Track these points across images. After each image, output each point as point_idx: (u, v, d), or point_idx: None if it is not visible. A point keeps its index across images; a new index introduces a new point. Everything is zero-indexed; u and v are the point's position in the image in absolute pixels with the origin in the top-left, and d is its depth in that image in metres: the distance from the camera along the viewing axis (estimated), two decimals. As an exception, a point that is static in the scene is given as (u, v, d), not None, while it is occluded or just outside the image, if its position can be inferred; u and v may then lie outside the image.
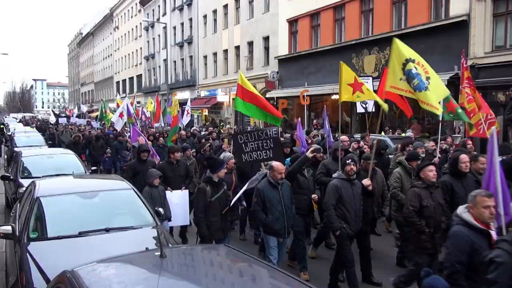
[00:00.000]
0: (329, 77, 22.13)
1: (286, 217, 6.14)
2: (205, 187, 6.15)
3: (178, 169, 8.45)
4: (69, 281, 2.89)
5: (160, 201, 7.16)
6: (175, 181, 8.21)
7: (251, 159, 7.47)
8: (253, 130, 8.06)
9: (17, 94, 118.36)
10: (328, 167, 7.51)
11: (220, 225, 6.23)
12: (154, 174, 7.40)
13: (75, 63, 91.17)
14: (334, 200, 5.95)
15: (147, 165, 8.52)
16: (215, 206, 6.13)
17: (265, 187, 6.17)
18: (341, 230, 5.92)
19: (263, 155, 7.46)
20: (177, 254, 3.59)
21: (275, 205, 6.08)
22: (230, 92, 32.80)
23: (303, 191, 6.85)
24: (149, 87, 47.94)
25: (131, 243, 4.99)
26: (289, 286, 3.00)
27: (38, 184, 6.38)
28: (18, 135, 19.55)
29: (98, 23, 69.87)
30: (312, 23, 24.66)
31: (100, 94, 68.52)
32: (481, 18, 15.39)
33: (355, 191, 6.08)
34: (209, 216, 6.11)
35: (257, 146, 7.47)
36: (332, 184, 6.09)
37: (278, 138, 7.37)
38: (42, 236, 5.31)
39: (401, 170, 7.21)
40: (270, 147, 7.43)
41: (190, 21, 39.12)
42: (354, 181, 6.11)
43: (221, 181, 6.34)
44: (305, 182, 6.92)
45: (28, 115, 71.42)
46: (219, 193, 6.21)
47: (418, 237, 5.59)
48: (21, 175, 10.12)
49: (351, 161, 6.08)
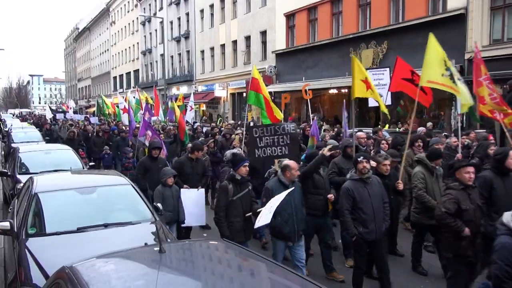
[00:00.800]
0: (327, 71, 22.13)
1: (296, 220, 5.79)
2: (227, 185, 5.86)
3: (197, 166, 8.21)
4: (68, 277, 2.89)
5: (172, 202, 6.84)
6: (193, 179, 7.95)
7: (264, 155, 7.04)
8: (270, 124, 7.54)
9: (13, 89, 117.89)
10: (339, 165, 7.12)
11: (241, 227, 5.90)
12: (168, 173, 7.01)
13: (72, 59, 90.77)
14: (348, 204, 5.58)
15: (159, 162, 8.29)
16: (236, 205, 5.84)
17: (275, 187, 5.78)
18: (357, 236, 5.55)
19: (277, 151, 7.01)
20: (176, 249, 3.58)
21: (285, 206, 5.60)
22: (228, 87, 32.75)
23: (319, 191, 6.43)
24: (146, 82, 47.80)
25: (129, 239, 4.98)
26: (288, 280, 3.00)
27: (36, 180, 6.36)
28: (15, 131, 19.51)
29: (94, 18, 69.51)
30: (310, 17, 24.60)
31: (97, 90, 68.30)
32: (479, 11, 15.38)
33: (371, 191, 5.64)
34: (230, 216, 5.82)
35: (272, 142, 7.03)
36: (344, 187, 5.73)
37: (295, 134, 7.03)
38: (41, 232, 5.30)
39: (422, 169, 6.65)
40: (286, 143, 7.00)
41: (187, 15, 38.97)
42: (369, 179, 5.69)
43: (246, 180, 6.01)
44: (321, 181, 6.49)
45: (25, 110, 71.21)
46: (242, 192, 5.90)
47: (458, 243, 5.07)
48: (19, 171, 10.08)
49: (363, 158, 5.68)
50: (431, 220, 6.15)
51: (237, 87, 31.61)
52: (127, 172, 10.82)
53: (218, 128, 16.94)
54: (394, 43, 18.52)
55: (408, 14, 18.26)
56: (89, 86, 74.96)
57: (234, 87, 32.04)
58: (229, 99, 33.35)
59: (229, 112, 33.33)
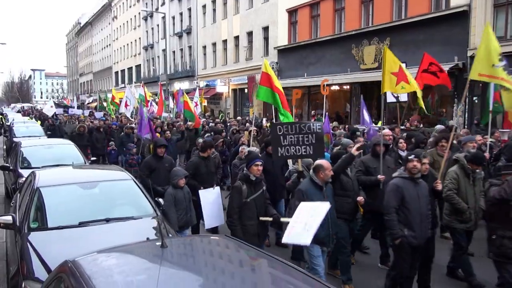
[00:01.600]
0: (329, 68, 22.10)
1: (331, 223, 5.49)
2: (241, 186, 5.55)
3: (209, 164, 7.97)
4: (71, 271, 2.91)
5: (185, 204, 6.53)
6: (208, 178, 7.69)
7: (287, 154, 6.66)
8: (295, 122, 7.24)
9: (15, 84, 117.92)
10: (367, 164, 6.76)
11: (255, 230, 5.59)
12: (180, 173, 6.62)
13: (74, 53, 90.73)
14: (396, 202, 5.24)
15: (164, 161, 8.05)
16: (250, 207, 5.55)
17: (309, 189, 5.46)
18: (402, 239, 5.20)
19: (302, 150, 6.57)
20: (178, 244, 3.60)
21: None
22: (229, 82, 32.72)
23: (347, 193, 6.11)
24: (148, 78, 47.77)
25: (131, 233, 5.00)
26: (290, 276, 3.01)
27: (38, 174, 6.39)
28: (17, 125, 19.54)
29: (96, 13, 69.41)
30: (312, 13, 24.54)
31: (99, 84, 68.33)
32: (482, 8, 15.32)
33: (420, 192, 5.32)
34: (243, 218, 5.53)
35: (297, 140, 6.57)
36: (393, 184, 5.40)
37: (321, 133, 6.65)
38: (43, 226, 5.33)
39: (458, 169, 6.24)
40: (311, 142, 6.56)
41: (189, 11, 38.89)
42: (418, 180, 5.38)
43: (260, 181, 5.72)
44: (349, 183, 6.15)
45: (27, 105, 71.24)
46: (257, 193, 5.61)
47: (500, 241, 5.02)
48: (21, 165, 10.12)
49: (414, 157, 5.34)
50: (462, 224, 6.04)
51: (238, 83, 31.59)
52: (131, 169, 10.71)
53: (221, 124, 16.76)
54: (397, 40, 18.48)
55: (411, 10, 18.20)
56: (91, 81, 74.96)
57: (235, 83, 32.02)
58: (231, 95, 33.33)
59: (230, 108, 33.32)
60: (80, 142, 14.16)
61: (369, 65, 19.89)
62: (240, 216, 5.52)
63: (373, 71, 19.57)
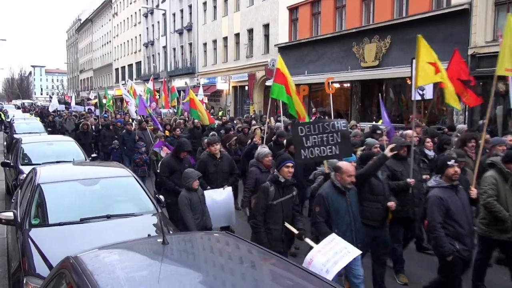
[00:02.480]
0: (329, 66, 22.08)
1: (355, 231, 5.11)
2: (269, 187, 5.24)
3: (222, 164, 7.58)
4: (73, 267, 2.92)
5: (200, 207, 6.24)
6: (217, 178, 7.40)
7: (312, 156, 6.19)
8: (318, 121, 6.79)
9: (15, 80, 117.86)
10: (392, 168, 6.26)
11: (280, 235, 5.27)
12: (193, 175, 6.25)
13: (74, 50, 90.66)
14: (441, 216, 4.79)
15: (184, 162, 7.62)
16: (276, 211, 5.22)
17: (330, 193, 5.08)
18: (455, 255, 4.75)
19: (327, 151, 6.13)
20: (179, 240, 3.62)
21: (342, 216, 5.04)
22: (230, 80, 32.72)
23: (377, 197, 5.63)
24: (148, 74, 47.72)
25: (132, 230, 5.03)
26: (290, 273, 3.03)
27: (39, 171, 6.41)
28: (17, 122, 19.55)
29: (96, 9, 69.33)
30: (313, 11, 24.51)
31: (99, 81, 68.29)
32: (483, 6, 15.30)
33: (463, 200, 4.91)
34: (268, 222, 5.22)
35: (321, 141, 6.11)
36: (435, 196, 4.90)
37: (346, 131, 6.25)
38: (44, 222, 5.35)
39: (495, 173, 5.65)
40: (336, 141, 6.12)
41: (189, 8, 38.84)
42: (458, 187, 4.95)
43: (290, 184, 5.37)
44: (380, 187, 5.69)
45: (27, 101, 71.23)
46: (285, 197, 5.28)
47: None
48: (21, 162, 10.14)
49: (455, 162, 4.87)
50: (503, 234, 5.47)
51: (239, 80, 31.58)
52: (137, 169, 10.48)
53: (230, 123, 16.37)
54: (397, 38, 18.46)
55: (412, 8, 18.17)
56: (91, 77, 74.92)
57: (236, 80, 32.01)
58: (231, 92, 33.32)
59: (231, 106, 33.32)
60: (85, 140, 14.03)
61: (369, 63, 19.88)
62: (265, 218, 5.22)
63: (374, 69, 19.57)
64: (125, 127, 14.30)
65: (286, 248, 5.48)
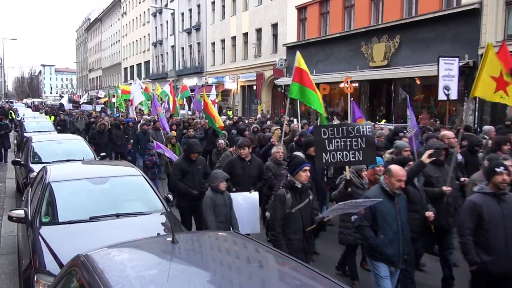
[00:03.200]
0: (338, 65, 22.03)
1: (403, 241, 4.70)
2: (285, 194, 4.88)
3: (250, 167, 7.27)
4: (83, 265, 2.95)
5: (225, 210, 5.95)
6: (244, 181, 7.07)
7: (334, 160, 5.91)
8: (342, 124, 6.37)
9: (25, 79, 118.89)
10: (426, 173, 5.82)
11: (301, 245, 4.95)
12: (220, 176, 5.98)
13: (83, 49, 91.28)
14: (472, 222, 4.48)
15: (197, 163, 7.31)
16: (295, 219, 4.89)
17: (377, 197, 4.69)
18: (479, 266, 4.47)
19: (350, 156, 5.80)
20: (188, 240, 3.63)
21: (390, 222, 4.67)
22: (238, 79, 32.74)
23: (415, 206, 5.30)
24: (157, 74, 47.95)
25: (141, 229, 5.06)
26: (298, 273, 3.04)
27: (49, 169, 6.47)
28: (27, 121, 19.72)
29: (106, 9, 69.76)
30: (321, 10, 24.45)
31: (108, 80, 68.70)
32: (493, 6, 15.17)
33: (506, 211, 4.45)
34: (288, 232, 4.88)
35: (344, 145, 5.81)
36: (470, 201, 4.65)
37: (372, 137, 5.90)
38: (54, 220, 5.40)
39: None
40: (360, 147, 5.79)
41: (198, 7, 38.93)
42: (505, 196, 4.50)
43: (306, 188, 5.06)
44: (417, 195, 5.37)
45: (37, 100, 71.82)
46: (303, 203, 4.95)
47: None
48: (32, 160, 10.22)
49: (504, 169, 4.49)
50: None
51: (247, 79, 31.60)
52: (147, 171, 10.00)
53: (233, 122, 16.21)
54: (407, 38, 18.37)
55: (422, 8, 18.07)
56: (100, 76, 75.38)
57: (244, 79, 32.04)
58: (239, 91, 33.35)
59: (239, 105, 33.35)
60: (101, 140, 13.78)
61: (378, 62, 19.80)
62: (283, 229, 4.88)
63: (382, 68, 19.49)
64: (142, 127, 13.70)
65: (309, 258, 5.13)
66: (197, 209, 6.08)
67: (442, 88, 11.61)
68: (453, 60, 11.80)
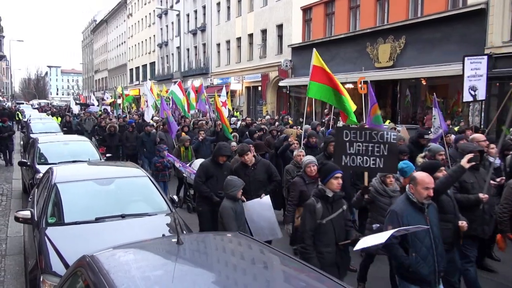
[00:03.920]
0: (343, 66, 21.97)
1: (437, 256, 4.24)
2: (315, 204, 4.49)
3: (255, 173, 6.84)
4: (89, 265, 2.97)
5: (243, 218, 5.72)
6: (251, 188, 6.57)
7: (352, 164, 5.68)
8: (366, 128, 6.16)
9: (32, 81, 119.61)
10: (461, 179, 5.30)
11: (333, 259, 4.52)
12: (238, 183, 5.63)
13: (89, 50, 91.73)
14: None
15: (224, 169, 6.88)
16: (327, 231, 4.49)
17: (405, 210, 4.25)
18: None
19: (370, 162, 5.55)
20: (193, 241, 3.64)
21: (421, 237, 4.18)
22: (243, 80, 32.77)
23: (447, 216, 4.89)
24: (162, 75, 48.09)
25: (146, 230, 5.08)
26: (303, 273, 3.04)
27: (55, 170, 6.50)
28: (33, 122, 19.83)
29: (111, 10, 70.10)
30: (327, 11, 24.42)
31: (114, 82, 68.98)
32: (500, 6, 15.09)
33: None
34: (319, 245, 4.47)
35: (365, 150, 5.57)
36: None
37: (395, 145, 5.60)
38: (60, 221, 5.43)
39: None
40: (382, 154, 5.52)
41: (203, 8, 39.01)
42: None
43: (338, 197, 4.64)
44: (450, 204, 4.97)
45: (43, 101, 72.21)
46: (336, 213, 4.55)
47: None
48: (38, 161, 10.27)
49: None
50: None
51: (252, 80, 31.62)
52: (158, 173, 9.99)
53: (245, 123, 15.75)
54: (412, 38, 18.30)
55: (427, 8, 18.00)
56: (106, 78, 75.72)
57: (249, 80, 32.05)
58: (244, 92, 33.38)
59: (244, 106, 33.37)
60: (111, 142, 13.68)
61: (383, 63, 19.74)
62: (314, 241, 4.48)
63: (388, 69, 19.43)
64: (144, 129, 13.66)
65: (343, 273, 4.70)
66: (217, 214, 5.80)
67: (467, 89, 11.27)
68: (481, 59, 11.47)
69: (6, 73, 74.67)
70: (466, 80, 11.25)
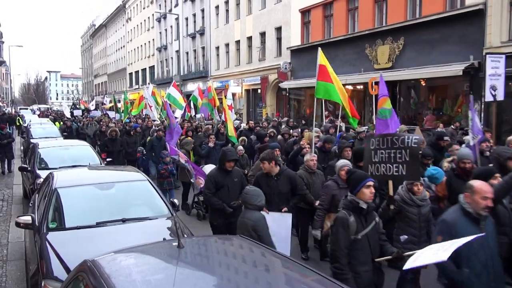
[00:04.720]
0: (342, 68, 21.96)
1: (493, 274, 3.82)
2: (347, 217, 4.04)
3: (278, 183, 6.36)
4: (90, 270, 2.97)
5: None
6: (272, 200, 6.13)
7: (377, 173, 5.40)
8: (388, 134, 5.87)
9: (31, 86, 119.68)
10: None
11: (371, 278, 4.09)
12: (261, 193, 5.14)
13: (88, 55, 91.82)
14: None
15: (233, 176, 6.52)
16: (363, 247, 4.04)
17: (458, 220, 3.84)
18: None
19: (393, 170, 5.24)
20: (194, 244, 3.65)
21: (476, 252, 3.76)
22: (242, 83, 32.80)
23: (503, 229, 4.51)
24: (162, 79, 48.14)
25: (147, 234, 5.07)
26: (305, 277, 3.04)
27: (56, 175, 6.52)
28: (34, 127, 19.85)
29: (110, 15, 70.19)
30: (325, 13, 24.46)
31: (113, 86, 69.06)
32: (498, 6, 15.11)
33: None
34: (354, 264, 4.01)
35: (388, 157, 5.29)
36: None
37: (416, 149, 5.24)
38: (61, 226, 5.43)
39: None
40: (404, 160, 5.18)
41: (202, 12, 39.07)
42: None
43: (371, 209, 4.21)
44: (506, 215, 4.62)
45: (43, 106, 72.27)
46: (369, 227, 4.11)
47: None
48: (38, 166, 10.28)
49: None
50: None
51: (251, 83, 31.64)
52: (163, 181, 9.79)
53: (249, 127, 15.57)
54: (411, 39, 18.33)
55: (425, 9, 18.03)
56: (105, 82, 75.77)
57: (248, 83, 32.09)
58: (244, 95, 33.41)
59: (243, 109, 33.39)
60: (113, 147, 13.40)
61: (383, 64, 19.76)
62: (349, 259, 4.02)
63: (387, 70, 19.44)
64: (156, 133, 13.27)
65: None
66: (233, 227, 5.40)
67: (489, 88, 10.91)
68: (500, 58, 11.08)
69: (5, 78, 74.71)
70: (488, 79, 10.92)
